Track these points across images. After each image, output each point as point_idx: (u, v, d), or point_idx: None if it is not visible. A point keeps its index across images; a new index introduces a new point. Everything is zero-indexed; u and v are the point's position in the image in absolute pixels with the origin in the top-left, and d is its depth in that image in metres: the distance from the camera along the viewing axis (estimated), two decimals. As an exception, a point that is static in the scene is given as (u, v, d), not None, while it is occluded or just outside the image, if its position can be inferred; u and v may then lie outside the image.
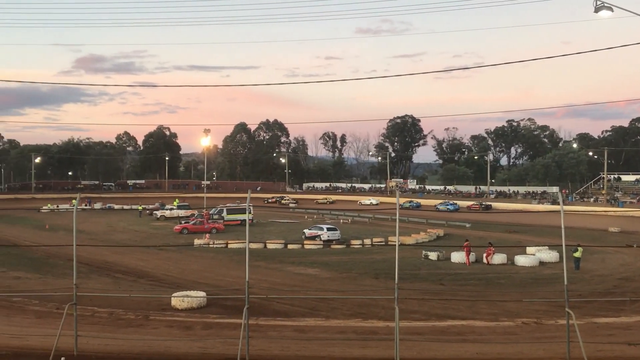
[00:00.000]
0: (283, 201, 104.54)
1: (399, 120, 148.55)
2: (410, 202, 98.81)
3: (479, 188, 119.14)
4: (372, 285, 28.10)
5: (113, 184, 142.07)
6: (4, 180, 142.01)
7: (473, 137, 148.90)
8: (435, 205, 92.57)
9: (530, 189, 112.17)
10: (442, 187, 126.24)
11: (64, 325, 14.05)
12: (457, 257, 36.27)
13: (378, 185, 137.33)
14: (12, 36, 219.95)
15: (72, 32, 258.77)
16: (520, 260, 35.35)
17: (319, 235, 47.31)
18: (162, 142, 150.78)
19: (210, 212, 61.33)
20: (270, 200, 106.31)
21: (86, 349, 14.54)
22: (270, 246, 42.69)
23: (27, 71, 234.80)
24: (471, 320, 20.47)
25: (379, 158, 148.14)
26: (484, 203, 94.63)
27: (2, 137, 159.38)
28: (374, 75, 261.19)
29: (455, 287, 28.06)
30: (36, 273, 31.73)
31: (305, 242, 45.11)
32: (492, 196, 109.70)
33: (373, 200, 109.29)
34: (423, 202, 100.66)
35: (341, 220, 65.60)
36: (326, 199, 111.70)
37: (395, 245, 13.10)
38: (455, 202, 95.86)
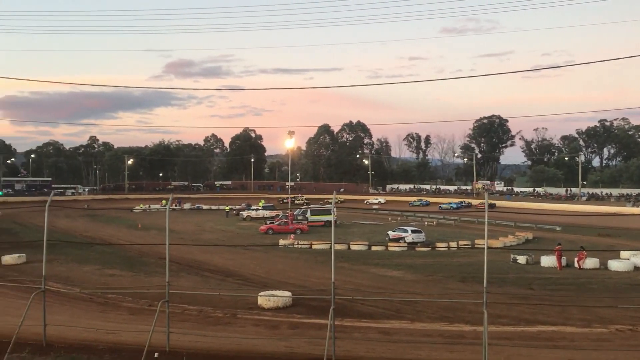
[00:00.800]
0: (297, 201, 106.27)
1: (485, 121, 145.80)
2: (419, 200, 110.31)
3: (570, 190, 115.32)
4: (459, 289, 27.61)
5: (201, 185, 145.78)
6: (99, 181, 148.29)
7: (563, 138, 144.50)
8: (439, 205, 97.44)
9: (624, 191, 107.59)
10: (531, 189, 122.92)
11: (156, 321, 14.52)
12: (547, 261, 35.20)
13: (464, 187, 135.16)
14: (107, 43, 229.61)
15: (163, 38, 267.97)
16: (614, 264, 33.97)
17: (403, 238, 47.03)
18: (247, 144, 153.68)
19: (295, 213, 61.97)
20: (285, 201, 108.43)
21: (177, 345, 14.95)
22: (354, 247, 42.70)
23: (120, 76, 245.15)
24: (562, 326, 19.80)
25: (465, 159, 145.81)
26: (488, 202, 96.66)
27: (98, 140, 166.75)
28: (460, 75, 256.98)
29: (545, 292, 27.21)
30: (129, 271, 32.86)
31: (389, 244, 44.90)
32: (584, 198, 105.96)
33: (381, 199, 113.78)
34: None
35: (426, 223, 64.92)
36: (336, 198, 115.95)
37: (482, 248, 12.82)
38: (464, 200, 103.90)
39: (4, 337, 16.40)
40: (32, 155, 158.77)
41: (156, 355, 12.24)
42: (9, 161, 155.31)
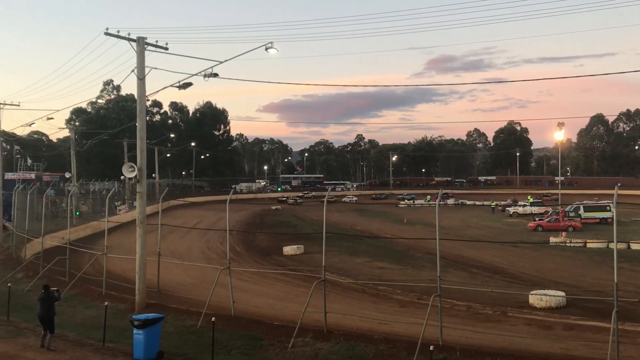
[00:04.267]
0: (290, 200, 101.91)
1: None
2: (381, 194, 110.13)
3: None
4: None
5: (464, 180, 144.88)
6: (365, 178, 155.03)
7: None
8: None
9: None
10: None
11: (428, 315, 14.79)
12: None
13: None
14: (371, 45, 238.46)
15: (424, 36, 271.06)
16: None
17: (695, 236, 42.13)
18: (512, 137, 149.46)
19: (566, 210, 58.77)
20: (290, 201, 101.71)
21: (449, 339, 15.06)
22: (634, 246, 39.19)
23: (383, 76, 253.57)
24: None
25: None
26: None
27: (364, 138, 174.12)
28: None
29: None
30: (397, 264, 33.75)
31: (677, 243, 40.46)
32: None
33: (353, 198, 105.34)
34: None
35: None
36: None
37: None
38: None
39: (287, 322, 17.94)
40: (306, 154, 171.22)
41: (431, 348, 12.44)
42: (286, 160, 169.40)
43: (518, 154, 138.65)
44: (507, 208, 73.94)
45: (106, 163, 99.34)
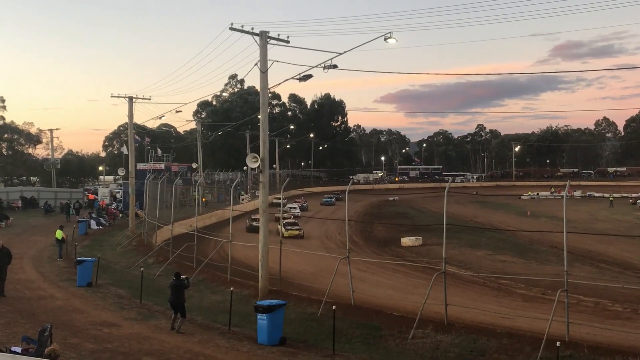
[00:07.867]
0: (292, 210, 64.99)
1: None
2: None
3: None
4: None
5: (592, 172, 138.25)
6: (486, 169, 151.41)
7: None
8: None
9: None
10: None
11: (550, 310, 14.33)
12: None
13: None
14: (492, 32, 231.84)
15: (549, 22, 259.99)
16: None
17: None
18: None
19: None
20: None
21: (576, 336, 14.53)
22: None
23: (505, 64, 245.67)
24: None
25: None
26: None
27: (484, 128, 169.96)
28: None
29: None
30: (520, 258, 32.88)
31: None
32: None
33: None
34: None
35: None
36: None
37: None
38: None
39: (407, 313, 17.95)
40: (424, 145, 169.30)
41: (558, 343, 12.05)
42: (403, 150, 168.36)
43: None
44: (638, 201, 70.00)
45: (230, 154, 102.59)
